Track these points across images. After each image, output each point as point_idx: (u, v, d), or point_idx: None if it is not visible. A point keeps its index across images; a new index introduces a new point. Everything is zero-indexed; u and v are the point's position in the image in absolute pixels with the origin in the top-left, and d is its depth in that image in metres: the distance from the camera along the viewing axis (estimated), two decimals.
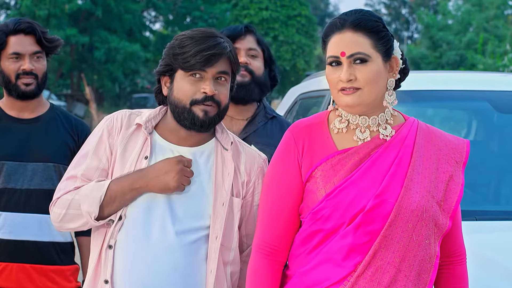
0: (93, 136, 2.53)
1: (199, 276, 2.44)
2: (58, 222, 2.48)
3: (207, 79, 2.44)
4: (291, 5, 30.34)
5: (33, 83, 3.25)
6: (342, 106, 2.28)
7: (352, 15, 2.27)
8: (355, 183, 2.24)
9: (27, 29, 3.23)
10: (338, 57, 2.25)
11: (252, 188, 2.55)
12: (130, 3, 28.51)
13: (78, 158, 2.52)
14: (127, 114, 2.54)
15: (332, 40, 2.27)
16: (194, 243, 2.44)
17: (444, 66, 30.25)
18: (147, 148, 2.47)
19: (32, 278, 3.23)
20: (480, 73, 5.23)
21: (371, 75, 2.24)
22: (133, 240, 2.42)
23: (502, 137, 4.09)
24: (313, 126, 2.35)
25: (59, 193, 2.48)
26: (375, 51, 2.25)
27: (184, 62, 2.43)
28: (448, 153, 2.33)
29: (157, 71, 2.52)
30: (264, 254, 2.34)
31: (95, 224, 2.43)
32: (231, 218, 2.49)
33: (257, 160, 2.58)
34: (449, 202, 2.29)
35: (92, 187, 2.43)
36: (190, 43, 2.43)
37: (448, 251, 2.37)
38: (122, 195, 2.40)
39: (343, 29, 2.25)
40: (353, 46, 2.23)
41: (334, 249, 2.24)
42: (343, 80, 2.23)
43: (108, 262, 2.41)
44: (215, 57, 2.43)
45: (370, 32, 2.25)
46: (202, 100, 2.43)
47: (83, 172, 2.47)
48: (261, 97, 3.33)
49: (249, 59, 3.27)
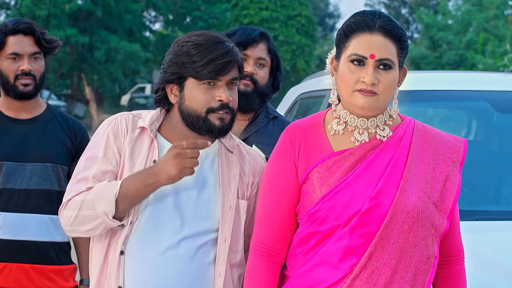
0: (98, 139, 2.48)
1: (207, 279, 2.44)
2: (70, 225, 2.41)
3: (220, 86, 2.42)
4: (291, 5, 30.33)
5: (31, 84, 3.24)
6: (355, 107, 2.26)
7: (381, 18, 2.26)
8: (351, 185, 2.24)
9: (26, 30, 3.23)
10: (366, 57, 2.23)
11: (256, 189, 2.55)
12: (130, 3, 28.51)
13: (85, 161, 2.46)
14: (130, 116, 2.50)
15: (359, 38, 2.25)
16: (202, 246, 2.43)
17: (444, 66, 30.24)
18: (154, 151, 2.44)
19: (31, 278, 3.22)
20: (480, 73, 5.23)
21: (391, 83, 2.25)
22: (143, 246, 2.40)
23: (502, 137, 4.09)
24: (309, 127, 2.35)
25: (69, 195, 2.42)
26: (397, 60, 2.26)
27: (196, 71, 2.39)
28: (445, 153, 2.33)
29: (164, 80, 2.46)
30: (262, 255, 2.34)
31: (110, 224, 2.36)
32: (238, 221, 2.49)
33: (259, 161, 2.59)
34: (446, 202, 2.28)
35: (104, 186, 2.37)
36: (200, 51, 2.40)
37: (446, 251, 2.36)
38: (135, 191, 2.35)
39: (374, 31, 2.24)
40: (383, 51, 2.23)
41: (330, 251, 2.24)
42: (367, 83, 2.22)
43: (121, 268, 2.39)
44: (229, 65, 2.41)
45: (397, 40, 2.25)
46: (219, 108, 2.41)
47: (94, 174, 2.42)
48: (261, 106, 3.31)
49: (256, 69, 3.24)
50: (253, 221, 2.53)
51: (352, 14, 2.32)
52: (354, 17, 2.29)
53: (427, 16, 32.73)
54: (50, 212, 3.23)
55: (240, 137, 3.22)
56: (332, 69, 2.35)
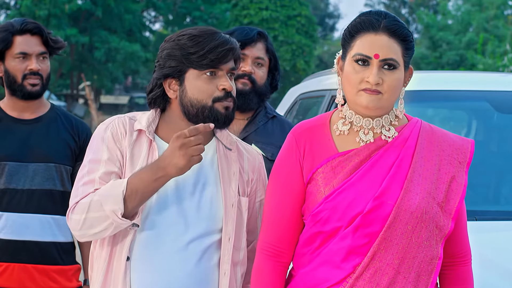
0: (98, 143, 2.45)
1: (212, 280, 2.44)
2: (79, 230, 2.37)
3: (222, 75, 2.42)
4: (291, 5, 30.33)
5: (39, 84, 3.25)
6: (359, 107, 2.27)
7: (386, 18, 2.26)
8: (354, 185, 2.24)
9: (34, 30, 3.24)
10: (370, 57, 2.23)
11: (255, 185, 2.55)
12: (130, 3, 28.51)
13: (89, 164, 2.42)
14: (126, 119, 2.47)
15: (365, 38, 2.25)
16: (208, 248, 2.42)
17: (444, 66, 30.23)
18: (154, 153, 2.42)
19: (34, 278, 3.23)
20: (480, 73, 5.23)
21: (396, 83, 2.25)
22: (149, 250, 2.39)
23: (502, 137, 4.10)
24: (315, 128, 2.35)
25: (76, 198, 2.38)
26: (402, 60, 2.26)
27: (198, 61, 2.39)
28: (451, 154, 2.32)
29: (161, 74, 2.44)
30: (268, 255, 2.34)
31: (120, 224, 2.32)
32: (240, 218, 2.48)
33: (257, 157, 2.59)
34: (451, 203, 2.28)
35: (110, 186, 2.33)
36: (199, 42, 2.39)
37: (452, 252, 2.36)
38: (144, 187, 2.31)
39: (379, 31, 2.24)
40: (388, 51, 2.23)
41: (333, 251, 2.25)
42: (371, 83, 2.22)
43: (127, 274, 2.38)
44: (230, 52, 2.41)
45: (402, 41, 2.26)
46: (225, 97, 2.41)
47: (100, 175, 2.38)
48: (259, 106, 3.32)
49: (254, 68, 3.24)
50: (253, 216, 2.55)
51: (358, 15, 2.32)
52: (360, 17, 2.29)
53: (427, 16, 32.74)
54: (53, 212, 3.23)
55: (239, 136, 3.23)
56: (338, 69, 2.35)
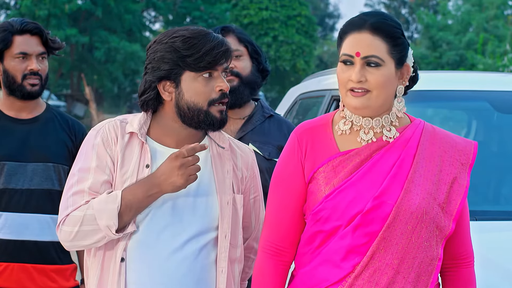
0: (87, 150, 2.43)
1: (210, 278, 2.44)
2: (70, 241, 2.37)
3: (218, 76, 2.42)
4: (291, 5, 30.33)
5: (39, 84, 3.25)
6: (349, 107, 2.27)
7: (373, 17, 2.26)
8: (355, 185, 2.24)
9: (34, 30, 3.24)
10: (352, 56, 2.23)
11: (249, 183, 2.56)
12: (130, 3, 28.51)
13: (79, 173, 2.41)
14: (117, 123, 2.46)
15: (349, 38, 2.25)
16: (204, 246, 2.43)
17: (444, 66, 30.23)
18: (146, 156, 2.41)
19: (33, 278, 3.23)
20: (480, 73, 5.24)
21: (381, 79, 2.23)
22: (144, 251, 2.39)
23: (502, 137, 4.10)
24: (317, 127, 2.35)
25: (67, 210, 2.37)
26: (389, 57, 2.24)
27: (194, 63, 2.38)
28: (454, 155, 2.31)
29: (156, 77, 2.41)
30: (270, 254, 2.35)
31: (113, 237, 2.35)
32: (236, 215, 2.49)
33: (249, 154, 2.60)
34: (453, 204, 2.27)
35: (105, 200, 2.34)
36: (194, 44, 2.38)
37: (454, 254, 2.35)
38: (138, 203, 2.34)
39: (362, 29, 2.24)
40: (369, 49, 2.22)
41: (333, 250, 2.25)
42: (354, 81, 2.22)
43: (122, 275, 2.38)
44: (226, 54, 2.41)
45: (387, 37, 2.24)
46: (220, 98, 2.41)
47: (90, 186, 2.38)
48: (253, 95, 3.30)
49: (234, 62, 3.21)
50: (248, 213, 2.57)
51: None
52: (350, 19, 2.31)
53: (427, 16, 32.72)
54: (52, 212, 3.23)
55: (236, 136, 3.22)
56: None
